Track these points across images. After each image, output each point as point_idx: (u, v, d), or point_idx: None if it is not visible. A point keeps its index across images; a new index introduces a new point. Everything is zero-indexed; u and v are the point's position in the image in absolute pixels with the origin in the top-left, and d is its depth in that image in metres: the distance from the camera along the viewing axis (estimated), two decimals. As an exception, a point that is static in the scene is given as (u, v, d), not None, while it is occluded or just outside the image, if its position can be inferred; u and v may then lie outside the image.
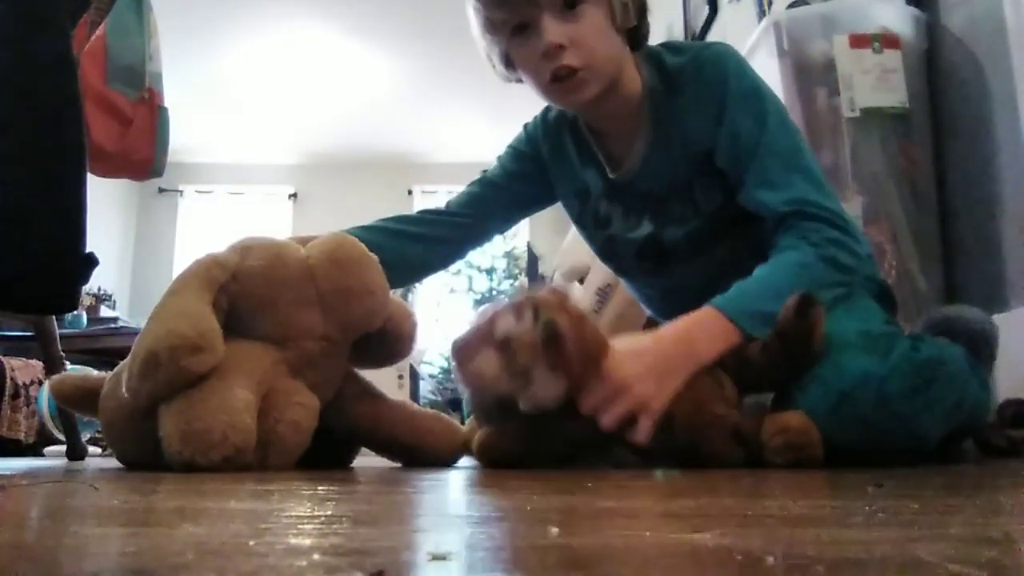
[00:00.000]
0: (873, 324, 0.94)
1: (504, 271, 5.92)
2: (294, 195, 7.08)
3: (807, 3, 1.66)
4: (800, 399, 0.89)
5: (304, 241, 1.10)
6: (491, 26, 1.11)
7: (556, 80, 1.06)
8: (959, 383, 0.91)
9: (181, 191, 6.98)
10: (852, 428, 0.86)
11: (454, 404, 4.28)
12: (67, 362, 1.93)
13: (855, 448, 0.87)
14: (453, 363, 0.93)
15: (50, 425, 3.02)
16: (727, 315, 0.93)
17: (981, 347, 1.04)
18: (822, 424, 0.87)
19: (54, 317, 1.82)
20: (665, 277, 1.22)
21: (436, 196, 7.05)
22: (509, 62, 1.15)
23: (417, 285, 6.45)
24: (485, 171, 1.36)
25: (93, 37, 1.96)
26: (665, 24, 3.47)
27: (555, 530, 0.33)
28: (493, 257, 5.95)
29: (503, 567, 0.25)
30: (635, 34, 1.14)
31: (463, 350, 0.91)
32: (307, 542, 0.31)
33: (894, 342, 0.90)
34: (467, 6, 1.16)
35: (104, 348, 3.54)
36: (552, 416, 0.90)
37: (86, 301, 5.41)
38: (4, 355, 3.21)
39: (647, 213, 1.19)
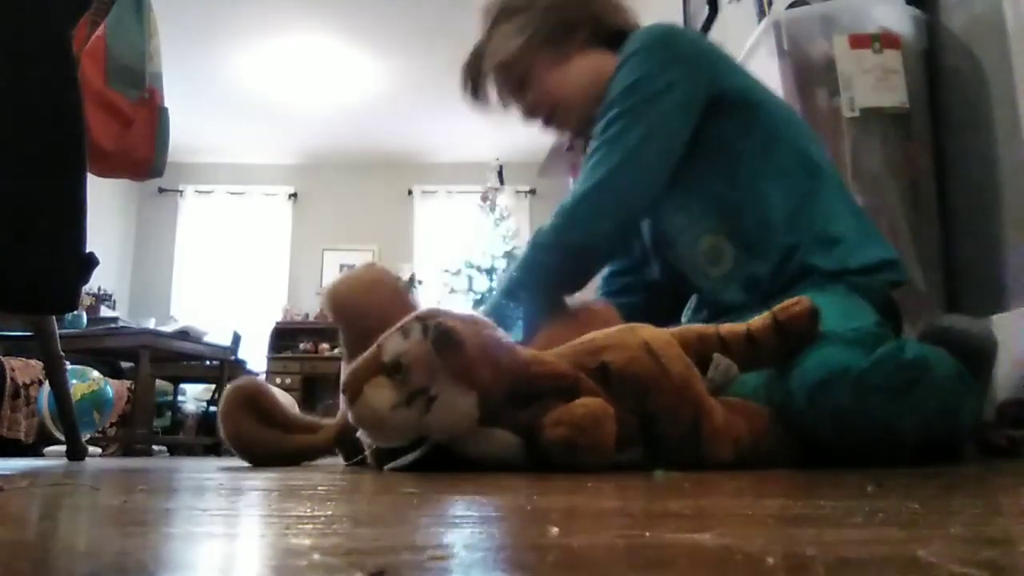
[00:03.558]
0: (863, 322, 0.94)
1: (504, 271, 5.92)
2: (294, 195, 7.08)
3: (807, 3, 1.66)
4: (782, 386, 0.89)
5: None
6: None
7: (539, 124, 1.29)
8: (945, 390, 0.90)
9: (181, 191, 6.98)
10: (828, 418, 0.86)
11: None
12: (67, 362, 1.93)
13: (831, 440, 0.87)
14: (345, 402, 0.82)
15: (50, 425, 3.03)
16: None
17: (977, 358, 1.03)
18: (800, 411, 0.87)
19: (54, 317, 1.82)
20: (669, 266, 1.27)
21: (436, 196, 7.05)
22: None
23: (417, 286, 6.45)
24: None
25: (93, 37, 1.96)
26: (665, 24, 3.46)
27: (555, 530, 0.33)
28: (493, 257, 5.95)
29: (503, 567, 0.25)
30: (601, 36, 1.22)
31: (350, 383, 0.81)
32: (307, 542, 0.31)
33: (881, 341, 0.90)
34: None
35: (104, 348, 3.54)
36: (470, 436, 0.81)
37: (86, 301, 5.41)
38: (4, 355, 3.22)
39: None
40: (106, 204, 6.31)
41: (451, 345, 0.76)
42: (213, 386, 4.32)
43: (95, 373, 3.31)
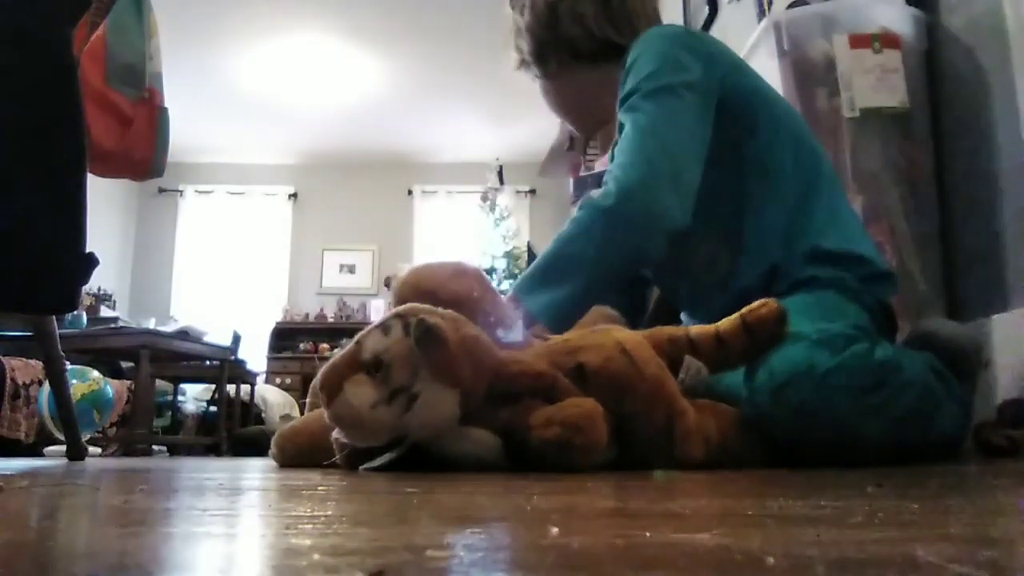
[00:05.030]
0: (837, 324, 0.93)
1: (504, 271, 5.92)
2: (294, 195, 7.08)
3: (807, 3, 1.66)
4: (747, 383, 0.90)
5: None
6: None
7: None
8: (915, 392, 0.90)
9: (181, 191, 6.98)
10: (791, 416, 0.85)
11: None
12: (67, 362, 1.93)
13: (794, 439, 0.87)
14: (322, 400, 0.80)
15: (50, 425, 3.03)
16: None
17: (961, 363, 1.03)
18: (764, 409, 0.87)
19: (54, 317, 1.82)
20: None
21: (436, 196, 7.05)
22: None
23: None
24: None
25: (93, 37, 1.96)
26: (665, 24, 3.46)
27: (555, 530, 0.33)
28: (493, 257, 5.95)
29: (503, 567, 0.25)
30: (586, 55, 1.22)
31: (328, 380, 0.79)
32: (307, 542, 0.31)
33: (853, 342, 0.89)
34: None
35: (104, 348, 3.54)
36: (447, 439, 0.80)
37: (86, 301, 5.41)
38: (4, 355, 3.22)
39: None
40: (106, 204, 6.31)
41: (434, 342, 0.75)
42: (213, 386, 4.32)
43: (95, 373, 3.31)
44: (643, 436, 0.83)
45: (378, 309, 6.58)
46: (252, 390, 4.64)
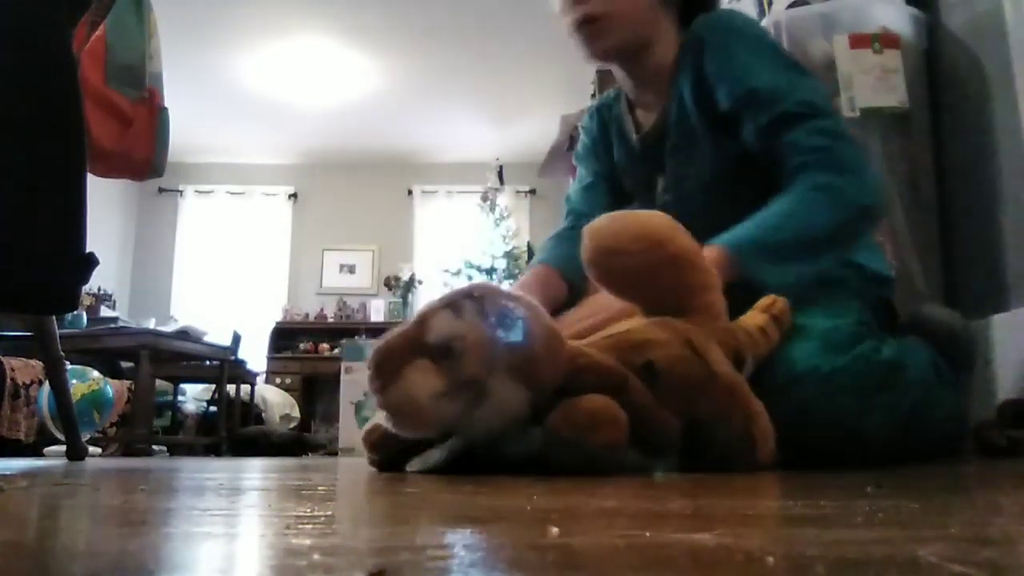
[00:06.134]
0: (842, 322, 0.93)
1: (504, 271, 5.91)
2: (294, 195, 7.08)
3: (807, 3, 1.66)
4: (756, 381, 0.89)
5: None
6: None
7: (579, 26, 1.11)
8: (917, 390, 0.89)
9: (181, 191, 6.98)
10: (797, 414, 0.85)
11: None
12: (67, 362, 1.93)
13: (800, 437, 0.86)
14: (371, 384, 0.70)
15: (50, 425, 3.03)
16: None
17: (955, 352, 1.03)
18: (769, 407, 0.86)
19: (54, 317, 1.82)
20: None
21: (436, 196, 7.05)
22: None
23: (417, 286, 6.45)
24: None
25: (93, 37, 1.96)
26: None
27: (555, 530, 0.33)
28: (493, 257, 5.94)
29: (503, 567, 0.25)
30: (685, 9, 1.16)
31: (384, 363, 0.69)
32: (307, 542, 0.31)
33: (860, 339, 0.89)
34: None
35: (104, 348, 3.54)
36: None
37: (86, 301, 5.41)
38: (4, 355, 3.22)
39: (661, 174, 1.18)
40: (106, 204, 6.31)
41: (520, 336, 0.67)
42: (213, 386, 4.31)
43: (95, 373, 3.31)
44: (722, 441, 0.77)
45: (378, 309, 6.58)
46: (252, 390, 4.64)
